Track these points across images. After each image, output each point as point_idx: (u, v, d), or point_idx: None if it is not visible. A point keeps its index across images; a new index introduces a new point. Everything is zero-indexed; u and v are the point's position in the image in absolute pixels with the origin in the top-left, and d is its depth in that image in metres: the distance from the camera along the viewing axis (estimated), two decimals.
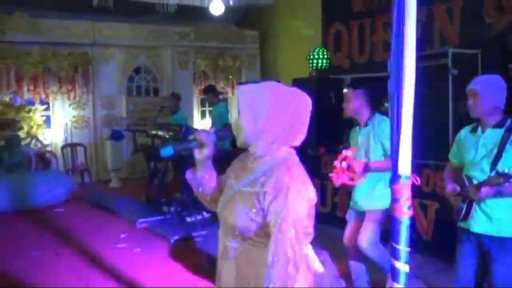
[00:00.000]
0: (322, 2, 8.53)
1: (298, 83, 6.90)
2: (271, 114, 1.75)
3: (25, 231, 6.60)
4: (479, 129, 2.90)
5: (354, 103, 3.82)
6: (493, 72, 5.04)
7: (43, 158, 8.99)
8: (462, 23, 6.34)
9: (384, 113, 4.11)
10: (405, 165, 1.73)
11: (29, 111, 9.45)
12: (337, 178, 3.68)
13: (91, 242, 5.89)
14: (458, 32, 6.38)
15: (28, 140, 9.23)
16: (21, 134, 9.02)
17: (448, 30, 6.48)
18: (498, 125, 2.81)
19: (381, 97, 6.00)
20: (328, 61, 7.17)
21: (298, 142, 1.83)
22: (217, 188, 2.02)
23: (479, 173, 2.79)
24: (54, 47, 9.68)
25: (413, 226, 1.81)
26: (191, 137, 1.93)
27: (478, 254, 2.89)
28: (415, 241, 1.87)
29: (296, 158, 1.83)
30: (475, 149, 2.87)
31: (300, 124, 1.80)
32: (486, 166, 2.77)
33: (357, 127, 3.98)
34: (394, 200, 1.74)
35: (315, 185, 1.81)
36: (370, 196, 3.78)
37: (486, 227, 2.79)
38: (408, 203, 1.74)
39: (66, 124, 10.08)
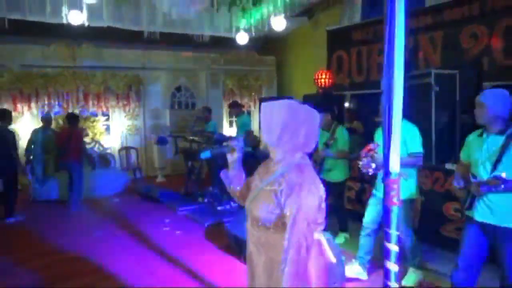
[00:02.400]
0: (327, 33, 8.51)
1: (308, 98, 6.90)
2: (286, 127, 1.75)
3: (89, 215, 6.70)
4: (485, 134, 2.80)
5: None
6: (468, 90, 5.00)
7: (104, 159, 9.11)
8: (442, 49, 6.25)
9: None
10: (394, 164, 1.72)
11: (93, 121, 9.62)
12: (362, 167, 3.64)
13: (141, 225, 5.96)
14: (439, 56, 6.29)
15: (92, 144, 9.38)
16: (87, 139, 9.18)
17: (431, 54, 6.40)
18: (501, 132, 2.70)
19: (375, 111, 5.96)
20: (331, 80, 7.14)
21: (310, 149, 1.83)
22: (244, 185, 2.03)
23: (482, 172, 2.71)
24: (113, 71, 9.82)
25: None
26: (224, 143, 2.01)
27: (481, 238, 2.80)
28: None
29: (308, 162, 1.83)
30: (480, 151, 2.78)
31: (311, 135, 1.80)
32: (488, 166, 2.69)
33: None
34: (386, 193, 1.73)
35: None
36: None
37: (488, 217, 2.71)
38: (397, 195, 1.73)
39: (122, 132, 10.23)
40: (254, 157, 6.47)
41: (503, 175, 2.46)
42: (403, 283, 3.71)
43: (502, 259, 2.70)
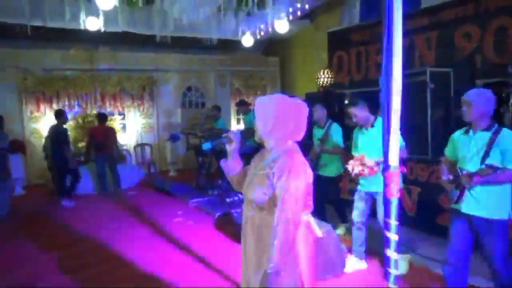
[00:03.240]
0: (328, 35, 8.46)
1: (310, 96, 6.86)
2: (277, 118, 1.83)
3: (107, 208, 6.73)
4: (471, 131, 2.78)
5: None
6: (462, 87, 4.95)
7: (120, 154, 9.15)
8: (437, 48, 6.19)
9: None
10: (394, 158, 1.70)
11: (110, 120, 9.60)
12: (353, 171, 3.62)
13: (156, 216, 5.98)
14: (434, 55, 6.23)
15: None
16: None
17: (426, 53, 6.33)
18: (487, 129, 2.69)
19: (376, 106, 5.92)
20: (332, 79, 7.09)
21: (299, 137, 1.90)
22: (242, 173, 2.08)
23: (471, 166, 2.68)
24: (128, 73, 9.84)
25: (400, 205, 1.77)
26: (223, 135, 2.03)
27: (468, 230, 2.78)
28: (402, 217, 1.84)
29: (297, 149, 1.90)
30: (468, 147, 2.75)
31: (299, 125, 1.87)
32: (477, 161, 2.66)
33: (363, 129, 3.81)
34: (386, 185, 1.72)
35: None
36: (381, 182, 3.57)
37: (475, 209, 2.69)
38: (397, 187, 1.71)
39: (137, 130, 10.25)
40: (258, 150, 6.47)
41: (495, 163, 2.48)
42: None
43: (488, 252, 2.68)
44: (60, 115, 7.03)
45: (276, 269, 1.68)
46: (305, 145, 3.63)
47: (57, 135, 6.86)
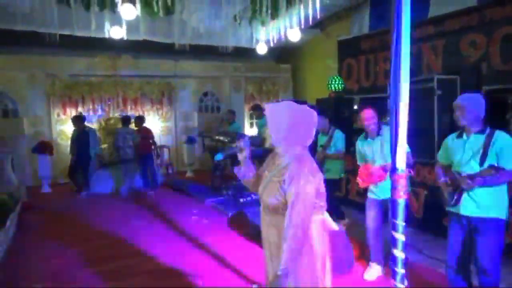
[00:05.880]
0: (338, 43, 8.43)
1: (321, 102, 6.83)
2: (289, 124, 1.82)
3: (128, 206, 6.79)
4: (464, 135, 2.72)
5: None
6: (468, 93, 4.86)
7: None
8: (444, 56, 6.11)
9: (386, 124, 3.90)
10: (401, 161, 1.69)
11: (131, 122, 9.73)
12: (363, 183, 3.53)
13: (173, 214, 6.01)
14: (441, 62, 6.15)
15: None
16: None
17: (433, 61, 6.26)
18: (480, 132, 2.64)
19: (384, 112, 5.87)
20: (342, 85, 7.05)
21: (308, 143, 1.90)
22: (255, 177, 2.08)
23: (468, 168, 2.62)
24: (148, 79, 9.95)
25: (407, 207, 1.75)
26: (233, 145, 2.02)
27: (466, 232, 2.71)
28: (409, 218, 1.82)
29: (307, 154, 1.90)
30: (462, 151, 2.69)
31: (309, 131, 1.88)
32: (474, 163, 2.60)
33: (369, 139, 3.67)
34: (394, 187, 1.70)
35: None
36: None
37: (474, 210, 2.62)
38: (404, 189, 1.70)
39: (156, 132, 10.29)
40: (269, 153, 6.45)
41: (496, 164, 2.44)
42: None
43: (479, 251, 2.61)
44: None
45: (286, 271, 1.68)
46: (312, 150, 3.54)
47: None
